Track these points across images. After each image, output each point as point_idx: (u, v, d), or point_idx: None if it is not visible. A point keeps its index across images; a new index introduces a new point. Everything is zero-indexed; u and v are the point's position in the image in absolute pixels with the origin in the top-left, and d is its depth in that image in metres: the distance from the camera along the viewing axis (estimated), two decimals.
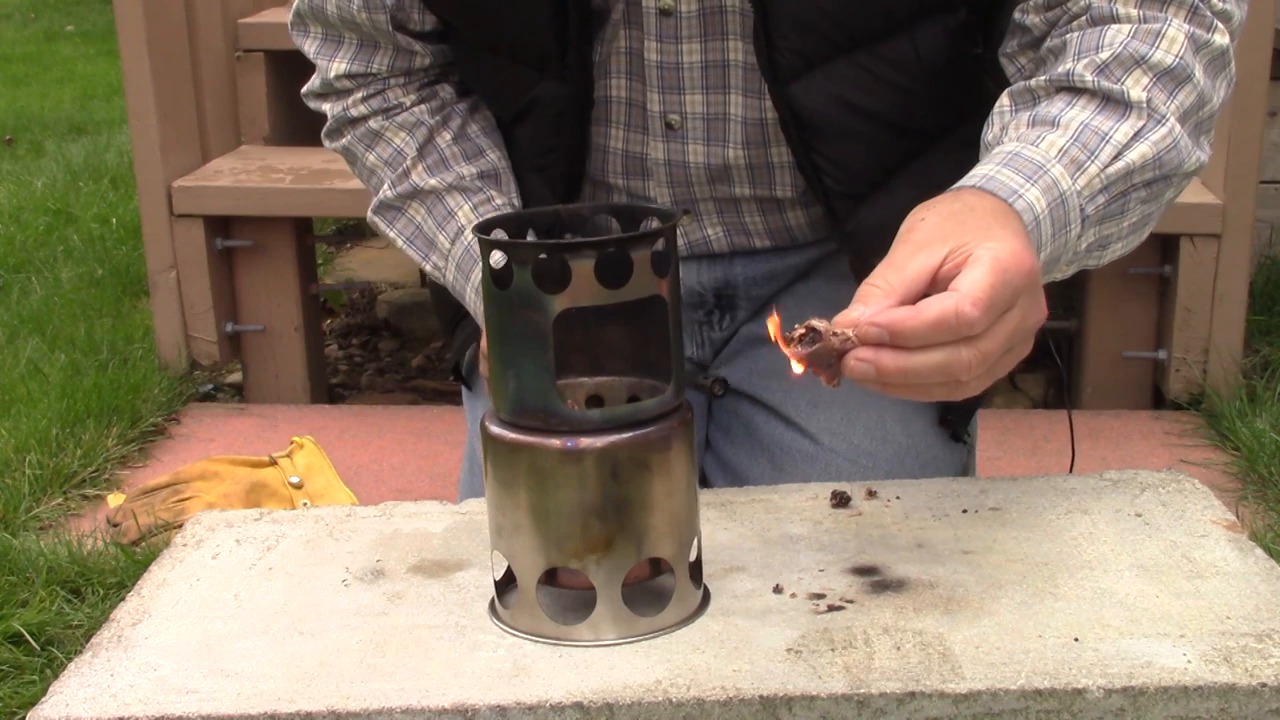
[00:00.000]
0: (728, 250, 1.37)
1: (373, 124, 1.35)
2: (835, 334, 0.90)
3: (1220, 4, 1.13)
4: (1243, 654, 0.88)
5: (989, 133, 1.15)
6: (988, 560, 1.01)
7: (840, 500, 1.11)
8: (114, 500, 2.34)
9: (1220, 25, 1.13)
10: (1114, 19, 1.12)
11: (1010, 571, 1.00)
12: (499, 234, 0.94)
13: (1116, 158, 1.06)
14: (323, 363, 3.01)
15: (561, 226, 1.01)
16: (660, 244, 0.90)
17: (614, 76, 1.27)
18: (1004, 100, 1.15)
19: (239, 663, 0.91)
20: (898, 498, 1.12)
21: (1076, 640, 0.90)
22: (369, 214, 1.39)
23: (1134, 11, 1.12)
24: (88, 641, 0.95)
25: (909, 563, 1.01)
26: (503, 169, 1.37)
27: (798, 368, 0.91)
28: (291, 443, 2.45)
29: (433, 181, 1.34)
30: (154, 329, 2.85)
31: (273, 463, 2.39)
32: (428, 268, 1.38)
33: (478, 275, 1.29)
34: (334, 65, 1.35)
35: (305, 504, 2.30)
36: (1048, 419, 2.61)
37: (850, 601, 0.96)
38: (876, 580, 0.99)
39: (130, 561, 2.06)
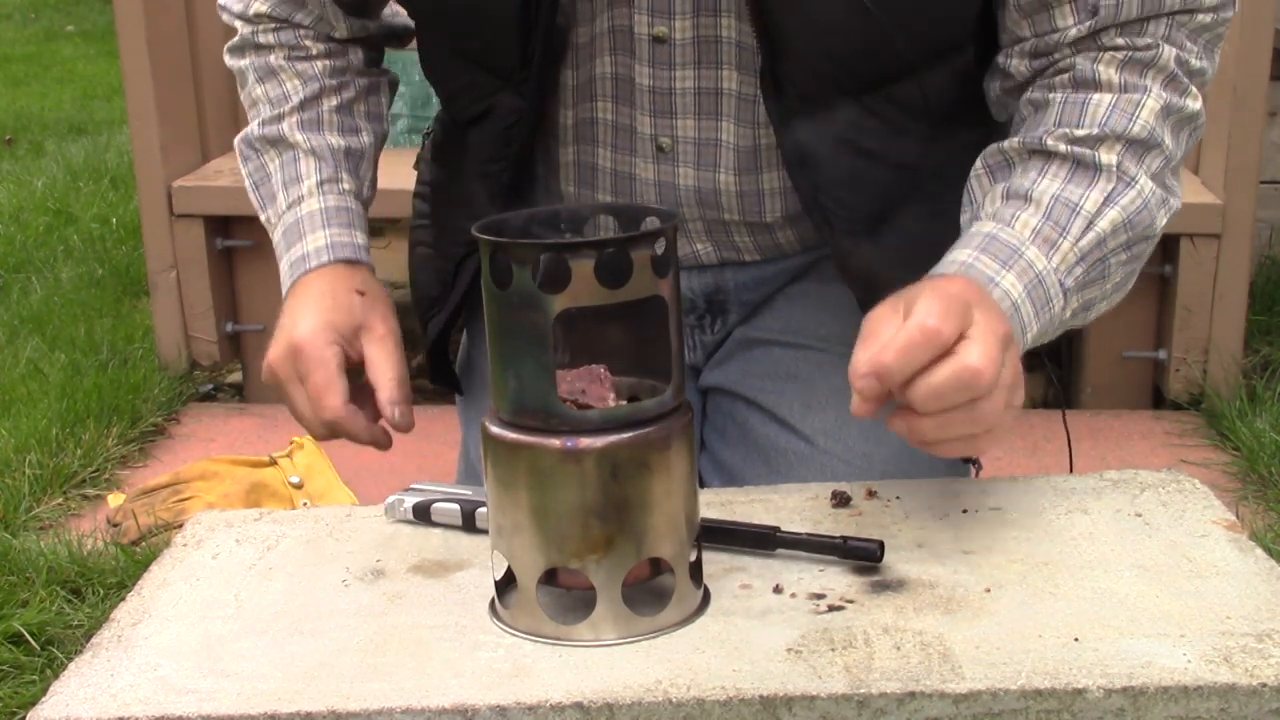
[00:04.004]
0: (717, 263, 1.37)
1: (273, 59, 1.39)
2: None
3: (1197, 62, 1.16)
4: (1243, 654, 0.88)
5: (967, 204, 1.19)
6: (988, 560, 1.01)
7: (840, 500, 1.11)
8: (114, 500, 2.35)
9: (1194, 90, 1.16)
10: (1095, 85, 1.15)
11: (1010, 571, 1.00)
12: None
13: (1088, 228, 1.11)
14: None
15: (561, 226, 1.01)
16: (660, 244, 0.90)
17: (600, 99, 1.26)
18: (979, 166, 1.19)
19: (239, 663, 0.91)
20: (898, 498, 1.12)
21: (1076, 640, 0.90)
22: (235, 141, 1.41)
23: (1115, 78, 1.15)
24: (88, 641, 0.95)
25: (909, 563, 1.01)
26: (369, 153, 1.40)
27: None
28: (291, 443, 2.45)
29: (299, 137, 1.36)
30: (154, 329, 2.85)
31: (273, 463, 2.39)
32: (262, 218, 1.39)
33: (297, 251, 1.32)
34: (255, 3, 1.39)
35: (305, 504, 2.30)
36: (1047, 419, 2.60)
37: (850, 601, 0.96)
38: (876, 580, 0.99)
39: (130, 561, 2.06)
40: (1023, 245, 1.09)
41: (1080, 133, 1.13)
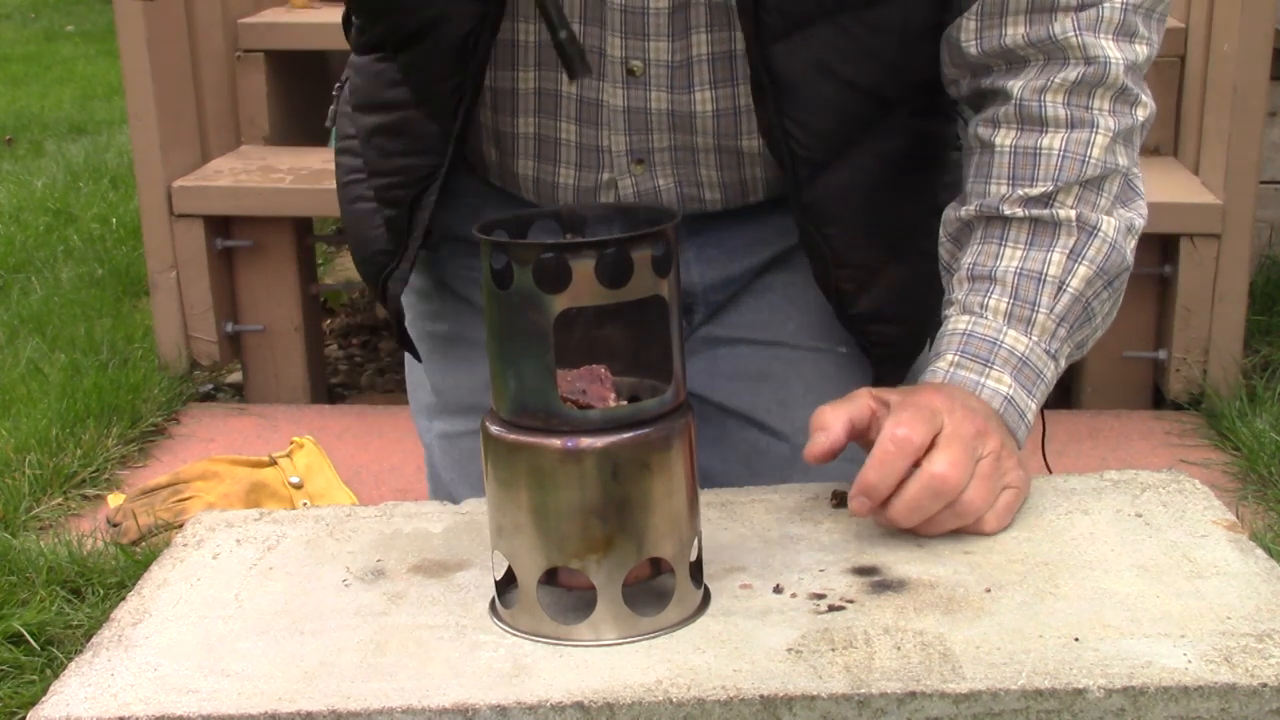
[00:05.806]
0: (677, 206, 1.30)
1: None
2: None
3: (1144, 49, 1.15)
4: (1243, 654, 0.88)
5: (943, 269, 1.22)
6: (988, 560, 1.01)
7: (840, 500, 1.11)
8: (114, 500, 2.35)
9: (1144, 96, 1.17)
10: (1042, 121, 1.16)
11: (1010, 571, 1.00)
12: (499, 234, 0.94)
13: (1060, 292, 1.13)
14: (323, 363, 3.01)
15: (562, 226, 1.01)
16: (661, 244, 0.90)
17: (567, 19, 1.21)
18: (942, 236, 1.21)
19: (239, 663, 0.91)
20: None
21: (1077, 640, 0.90)
22: None
23: (1062, 111, 1.15)
24: (88, 641, 0.95)
25: (909, 563, 1.01)
26: None
27: None
28: (291, 443, 2.46)
29: None
30: (154, 329, 2.85)
31: (273, 463, 2.39)
32: None
33: None
34: None
35: (305, 504, 2.30)
36: (1048, 419, 2.61)
37: (850, 601, 0.96)
38: (877, 580, 0.99)
39: (130, 561, 2.06)
40: (999, 334, 1.13)
41: (1035, 191, 1.14)
